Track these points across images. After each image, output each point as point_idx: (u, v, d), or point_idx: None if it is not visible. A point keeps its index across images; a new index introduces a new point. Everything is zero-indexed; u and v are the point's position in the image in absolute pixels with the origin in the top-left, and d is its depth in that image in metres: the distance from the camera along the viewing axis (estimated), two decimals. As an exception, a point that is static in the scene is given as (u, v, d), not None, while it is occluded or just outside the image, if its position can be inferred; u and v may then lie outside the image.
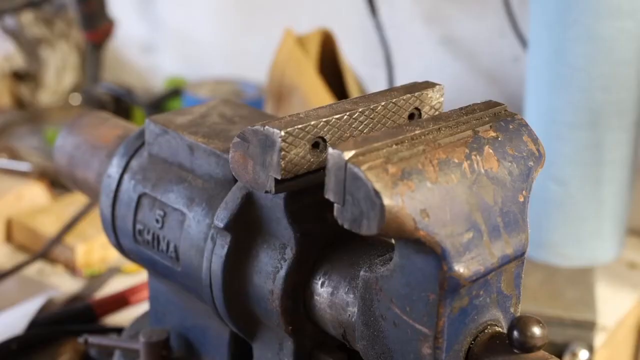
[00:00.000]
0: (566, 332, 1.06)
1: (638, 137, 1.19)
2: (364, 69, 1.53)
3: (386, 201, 0.53)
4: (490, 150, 0.60)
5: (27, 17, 1.85)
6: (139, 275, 1.19)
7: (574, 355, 1.03)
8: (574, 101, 1.14)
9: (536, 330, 0.56)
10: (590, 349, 1.04)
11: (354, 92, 1.37)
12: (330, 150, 0.56)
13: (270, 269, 0.67)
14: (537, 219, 1.22)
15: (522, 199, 0.61)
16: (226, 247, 0.68)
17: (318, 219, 0.65)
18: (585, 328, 1.06)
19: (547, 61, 1.15)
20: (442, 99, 0.69)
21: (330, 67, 1.42)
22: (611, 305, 1.14)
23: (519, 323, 0.56)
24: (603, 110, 1.14)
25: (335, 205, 0.56)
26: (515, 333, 0.56)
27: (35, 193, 1.36)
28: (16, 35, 1.84)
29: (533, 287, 1.15)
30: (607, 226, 1.22)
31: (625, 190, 1.22)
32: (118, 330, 0.98)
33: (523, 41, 1.36)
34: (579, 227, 1.21)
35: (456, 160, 0.58)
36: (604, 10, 1.09)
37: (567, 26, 1.11)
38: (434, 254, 0.55)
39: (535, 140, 0.63)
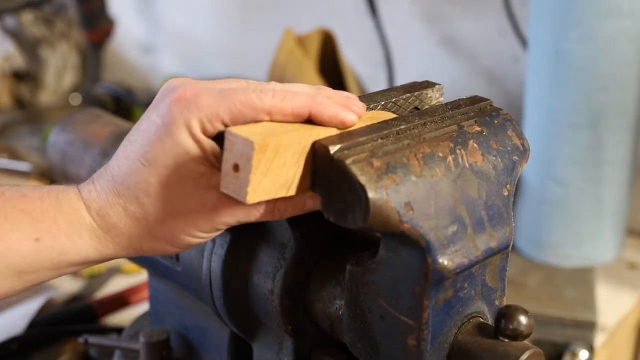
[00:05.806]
0: (566, 332, 1.06)
1: (638, 137, 1.19)
2: (364, 69, 1.53)
3: (371, 194, 0.54)
4: (475, 145, 0.61)
5: (27, 17, 1.86)
6: (139, 275, 1.19)
7: (574, 355, 1.03)
8: (574, 101, 1.14)
9: (522, 319, 0.57)
10: (590, 349, 1.04)
11: (354, 92, 1.37)
12: (315, 144, 0.56)
13: (270, 268, 0.67)
14: (537, 219, 1.22)
15: (506, 193, 0.61)
16: (226, 246, 0.68)
17: (318, 218, 0.65)
18: (585, 328, 1.06)
19: (547, 61, 1.15)
20: (441, 98, 0.69)
21: (330, 67, 1.42)
22: (611, 305, 1.14)
23: (507, 310, 0.57)
24: (603, 111, 1.14)
25: (321, 198, 0.57)
26: (503, 321, 0.57)
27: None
28: (16, 35, 1.84)
29: (533, 287, 1.15)
30: (607, 226, 1.22)
31: (625, 190, 1.21)
32: (118, 330, 0.98)
33: (523, 41, 1.36)
34: (579, 227, 1.21)
35: (441, 155, 0.58)
36: (604, 10, 1.09)
37: (567, 26, 1.11)
38: (418, 246, 0.56)
39: (520, 135, 0.64)
